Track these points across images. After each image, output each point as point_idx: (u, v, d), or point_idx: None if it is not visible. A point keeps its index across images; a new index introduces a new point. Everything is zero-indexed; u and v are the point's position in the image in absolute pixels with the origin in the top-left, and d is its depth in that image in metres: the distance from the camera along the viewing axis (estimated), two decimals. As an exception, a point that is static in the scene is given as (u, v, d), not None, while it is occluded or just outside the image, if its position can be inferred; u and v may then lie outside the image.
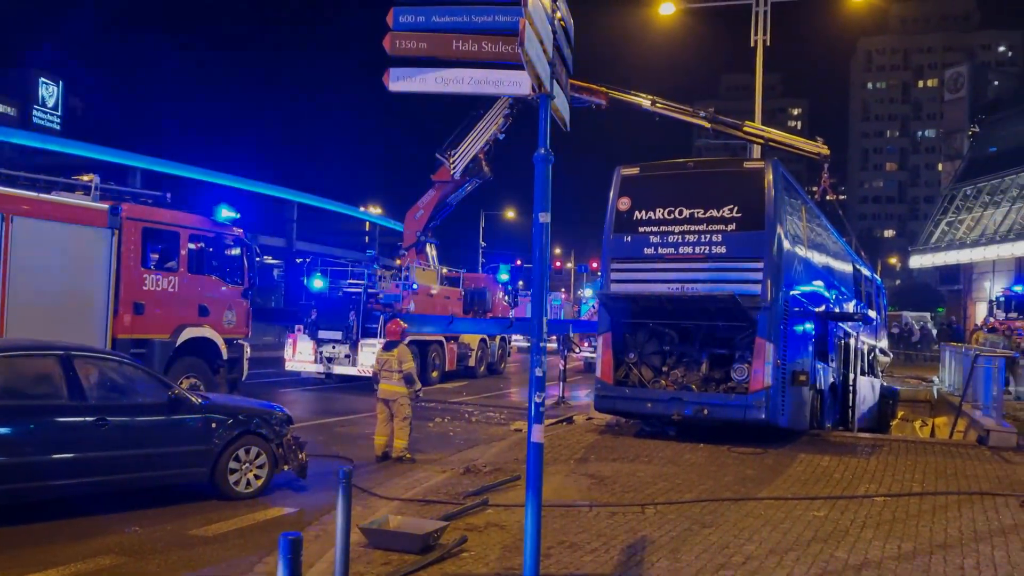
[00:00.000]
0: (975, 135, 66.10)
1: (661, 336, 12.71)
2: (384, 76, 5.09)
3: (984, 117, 65.76)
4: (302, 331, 20.93)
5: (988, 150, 60.39)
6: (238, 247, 14.78)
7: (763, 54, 22.01)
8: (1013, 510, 8.22)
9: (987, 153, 60.12)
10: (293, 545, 3.70)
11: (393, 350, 11.49)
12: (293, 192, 54.79)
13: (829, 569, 6.15)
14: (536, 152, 4.91)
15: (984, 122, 65.09)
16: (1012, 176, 53.67)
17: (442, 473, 9.90)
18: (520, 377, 27.22)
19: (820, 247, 15.34)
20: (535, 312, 4.96)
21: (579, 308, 46.81)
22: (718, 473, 9.76)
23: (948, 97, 78.22)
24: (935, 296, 72.89)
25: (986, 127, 64.17)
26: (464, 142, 22.78)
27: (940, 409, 21.55)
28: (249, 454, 8.66)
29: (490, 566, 6.13)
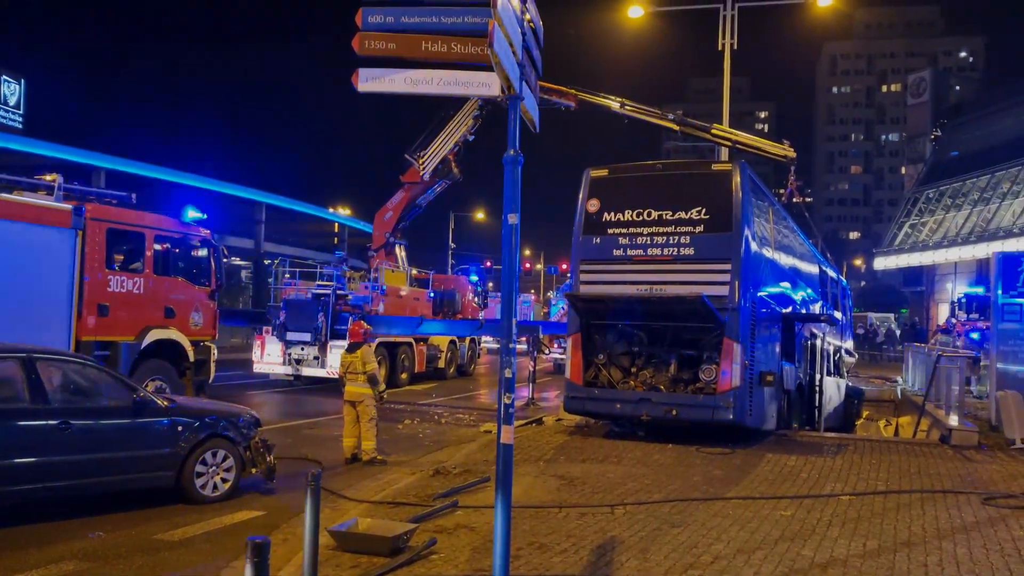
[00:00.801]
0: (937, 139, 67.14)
1: (630, 337, 12.77)
2: (353, 76, 5.06)
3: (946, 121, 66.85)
4: (270, 333, 20.77)
5: (950, 154, 61.40)
6: (205, 248, 14.63)
7: (730, 58, 22.22)
8: (975, 508, 8.36)
9: (949, 157, 61.13)
10: (260, 549, 3.67)
11: (357, 351, 11.44)
12: (261, 193, 54.28)
13: (796, 567, 6.21)
14: (505, 153, 4.92)
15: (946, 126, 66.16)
16: (973, 180, 54.69)
17: (412, 475, 9.86)
18: (490, 378, 27.20)
19: (787, 249, 15.51)
20: (504, 313, 4.96)
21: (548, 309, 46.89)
22: (687, 473, 9.82)
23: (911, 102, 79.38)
24: (899, 297, 73.95)
25: (948, 131, 65.24)
26: (434, 143, 22.76)
27: (904, 409, 21.85)
28: (216, 457, 8.57)
29: (460, 568, 6.12)
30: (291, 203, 57.81)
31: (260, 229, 54.89)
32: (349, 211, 65.60)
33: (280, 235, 57.67)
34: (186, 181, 46.90)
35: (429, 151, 22.74)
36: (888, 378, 28.73)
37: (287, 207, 57.39)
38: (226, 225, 46.33)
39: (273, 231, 56.88)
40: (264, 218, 55.04)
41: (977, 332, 25.82)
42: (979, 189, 53.87)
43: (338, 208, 65.91)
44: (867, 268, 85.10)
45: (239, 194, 52.05)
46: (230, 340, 33.84)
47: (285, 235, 58.52)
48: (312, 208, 61.04)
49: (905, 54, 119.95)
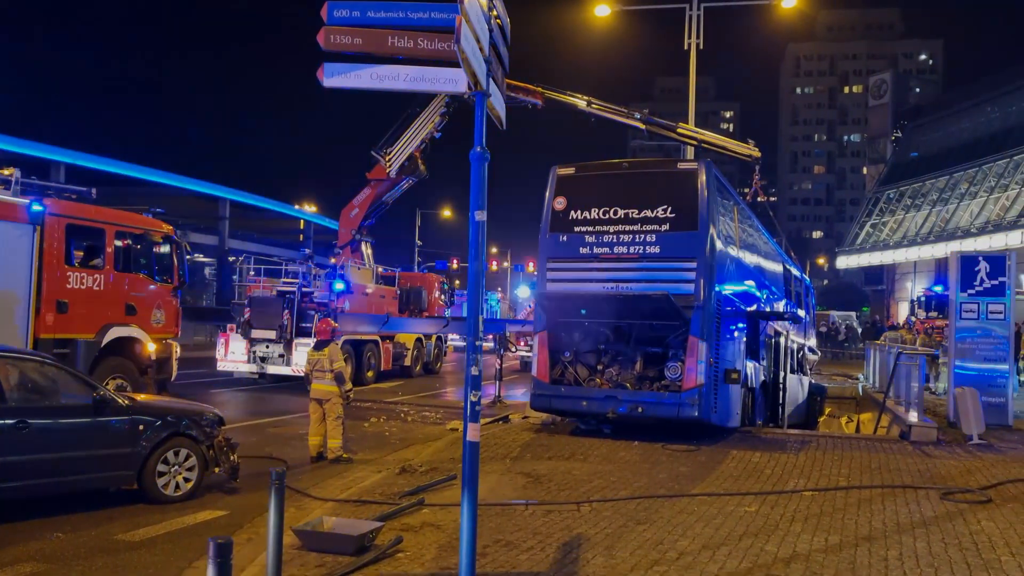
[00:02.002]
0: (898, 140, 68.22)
1: (597, 335, 12.81)
2: (318, 71, 5.02)
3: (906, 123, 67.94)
4: (235, 330, 20.55)
5: (910, 155, 62.44)
6: (167, 245, 14.44)
7: (696, 57, 22.38)
8: (933, 502, 8.50)
9: (909, 158, 62.16)
10: (222, 549, 3.62)
11: (324, 349, 11.35)
12: (225, 189, 53.70)
13: (759, 563, 6.27)
14: (472, 150, 4.90)
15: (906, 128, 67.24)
16: (932, 180, 55.65)
17: (378, 473, 9.82)
18: (456, 376, 27.16)
19: (751, 247, 15.66)
20: (471, 311, 4.94)
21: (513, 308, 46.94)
22: (652, 470, 9.88)
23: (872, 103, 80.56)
24: (861, 296, 75.14)
25: (908, 133, 66.32)
26: (400, 140, 22.64)
27: (865, 405, 22.19)
28: (178, 456, 8.46)
29: (426, 566, 6.10)
30: (256, 199, 57.25)
31: (224, 225, 54.30)
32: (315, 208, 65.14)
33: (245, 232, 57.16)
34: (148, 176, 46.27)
35: (396, 148, 22.62)
36: (850, 375, 29.15)
37: (252, 203, 56.85)
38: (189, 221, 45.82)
39: (238, 227, 56.35)
40: (228, 214, 54.47)
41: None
42: (938, 190, 54.85)
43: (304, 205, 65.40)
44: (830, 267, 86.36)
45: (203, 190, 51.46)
46: (193, 338, 33.45)
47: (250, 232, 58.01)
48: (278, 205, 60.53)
49: (866, 56, 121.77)
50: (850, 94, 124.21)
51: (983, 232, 46.88)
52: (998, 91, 53.13)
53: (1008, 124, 50.59)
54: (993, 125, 52.46)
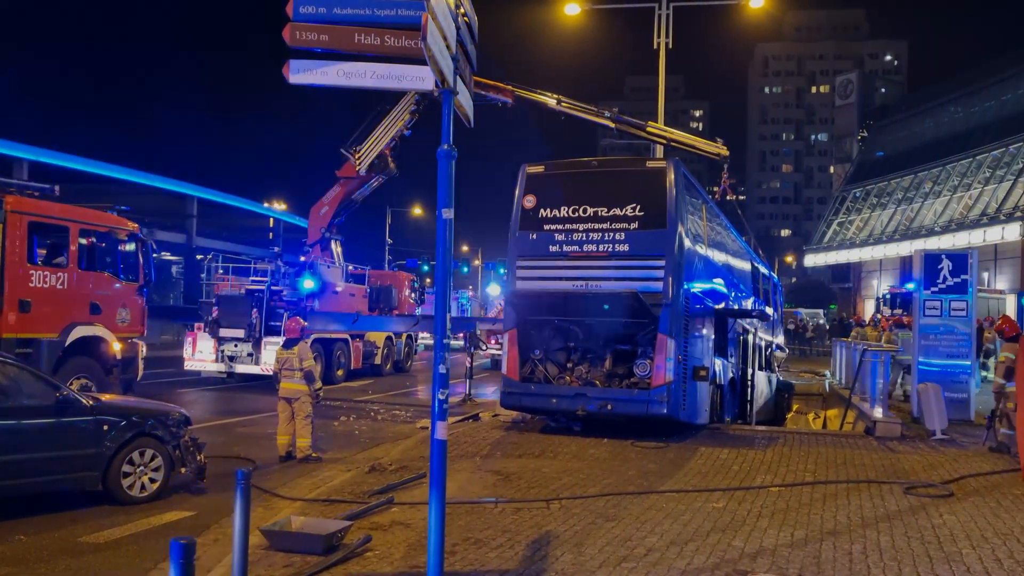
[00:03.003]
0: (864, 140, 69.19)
1: (567, 333, 12.85)
2: (284, 68, 4.98)
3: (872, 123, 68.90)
4: (202, 329, 20.34)
5: (876, 154, 63.32)
6: (133, 242, 14.26)
7: (666, 56, 22.49)
8: (897, 497, 8.63)
9: (875, 157, 63.03)
10: (185, 550, 3.58)
11: (293, 348, 11.28)
12: (192, 186, 53.02)
13: (727, 558, 6.33)
14: (439, 148, 4.89)
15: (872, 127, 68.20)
16: (897, 179, 56.48)
17: (347, 472, 9.78)
18: (427, 375, 27.08)
19: (720, 245, 15.78)
20: (439, 308, 4.94)
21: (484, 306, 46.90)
22: (621, 467, 9.93)
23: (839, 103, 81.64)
24: (828, 293, 76.01)
25: (874, 132, 67.26)
26: (370, 138, 22.52)
27: (831, 402, 22.43)
28: (144, 457, 8.37)
29: (395, 565, 6.08)
30: (224, 197, 56.60)
31: (192, 223, 53.68)
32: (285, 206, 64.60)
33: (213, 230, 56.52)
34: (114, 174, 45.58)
35: (365, 146, 22.50)
36: (817, 372, 29.46)
37: (220, 201, 56.18)
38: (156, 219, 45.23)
39: (206, 225, 55.71)
40: (196, 212, 53.83)
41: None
42: (903, 189, 55.67)
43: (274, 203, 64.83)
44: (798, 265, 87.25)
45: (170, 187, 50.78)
46: (160, 337, 33.03)
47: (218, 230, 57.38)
48: (246, 202, 59.89)
49: (833, 56, 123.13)
50: (817, 94, 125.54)
51: (947, 231, 47.66)
52: (961, 92, 54.06)
53: (971, 124, 51.46)
54: (956, 125, 53.34)
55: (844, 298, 68.88)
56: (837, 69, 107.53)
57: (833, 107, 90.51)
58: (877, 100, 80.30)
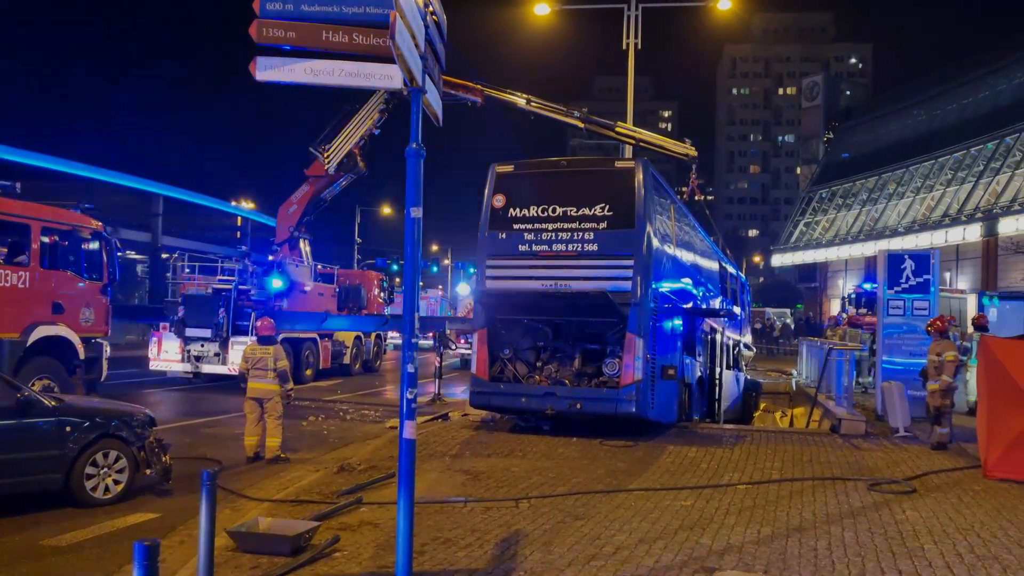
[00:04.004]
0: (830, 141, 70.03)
1: (536, 332, 12.87)
2: (251, 65, 4.93)
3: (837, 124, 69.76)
4: (168, 329, 20.11)
5: (841, 156, 64.12)
6: (97, 241, 14.05)
7: (635, 57, 22.60)
8: (861, 493, 8.75)
9: (840, 159, 63.82)
10: (149, 552, 3.54)
11: (268, 347, 11.16)
12: (158, 184, 52.29)
13: (694, 555, 6.38)
14: (408, 146, 4.88)
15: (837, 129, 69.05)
16: (862, 180, 57.25)
17: (316, 472, 9.72)
18: (396, 375, 26.98)
19: (688, 245, 15.90)
20: (407, 307, 4.92)
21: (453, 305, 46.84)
22: (590, 466, 9.96)
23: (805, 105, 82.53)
24: (795, 293, 76.78)
25: (839, 134, 68.10)
26: (339, 136, 22.40)
27: (798, 400, 22.68)
28: (108, 458, 8.26)
29: (363, 565, 6.06)
30: (191, 195, 55.91)
31: (157, 222, 52.97)
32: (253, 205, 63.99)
33: (179, 228, 55.82)
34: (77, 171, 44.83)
35: (334, 144, 22.37)
36: (784, 371, 29.75)
37: (187, 200, 55.48)
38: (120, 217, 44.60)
39: (172, 224, 55.01)
40: (162, 211, 53.12)
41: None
42: (867, 190, 56.45)
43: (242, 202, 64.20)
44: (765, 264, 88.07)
45: (134, 185, 50.04)
46: (125, 337, 32.61)
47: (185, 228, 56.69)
48: (213, 201, 59.22)
49: (800, 59, 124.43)
50: (784, 95, 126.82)
51: (910, 231, 48.39)
52: (924, 95, 54.92)
53: (934, 127, 52.29)
54: (920, 128, 54.16)
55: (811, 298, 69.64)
56: (804, 71, 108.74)
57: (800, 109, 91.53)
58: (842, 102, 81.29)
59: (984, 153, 45.00)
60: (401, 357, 5.01)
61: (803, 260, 63.42)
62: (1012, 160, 42.23)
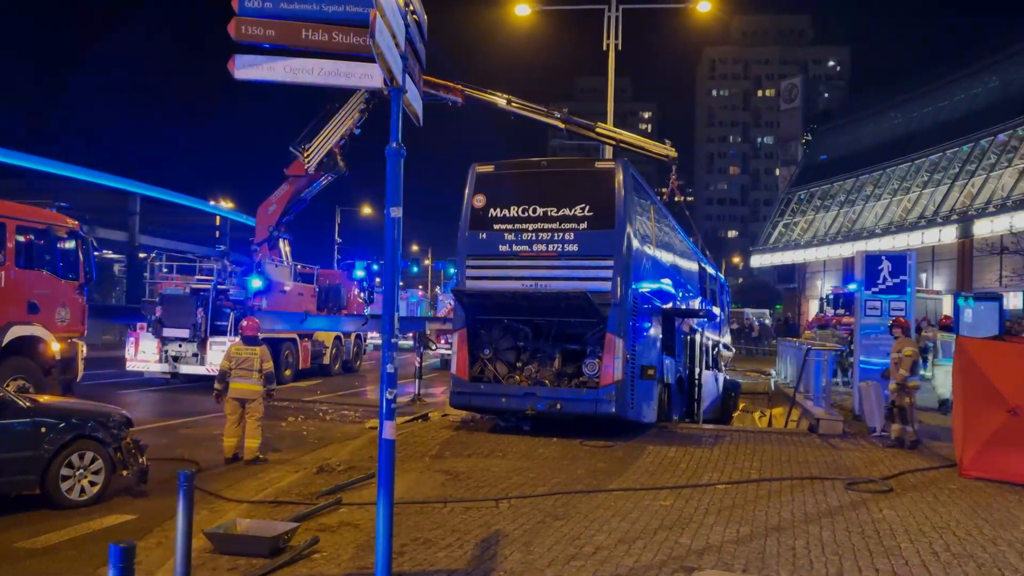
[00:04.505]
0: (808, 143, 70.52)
1: (516, 332, 12.86)
2: (229, 63, 4.89)
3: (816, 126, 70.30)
4: (145, 329, 19.94)
5: (819, 158, 64.62)
6: (73, 240, 13.92)
7: (615, 58, 22.65)
8: (839, 492, 8.82)
9: (819, 160, 64.33)
10: (125, 553, 3.50)
11: (255, 348, 11.06)
12: (135, 183, 51.85)
13: (674, 555, 6.40)
14: (388, 146, 4.86)
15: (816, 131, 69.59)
16: (840, 182, 57.73)
17: (295, 473, 9.67)
18: (376, 375, 26.87)
19: (668, 246, 15.95)
20: (386, 307, 4.91)
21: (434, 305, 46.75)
22: (570, 466, 9.97)
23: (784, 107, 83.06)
24: (774, 294, 77.27)
25: (818, 136, 68.64)
26: (319, 136, 22.33)
27: (777, 400, 22.83)
28: (84, 459, 8.17)
29: (342, 566, 6.03)
30: (169, 195, 55.48)
31: (135, 221, 52.53)
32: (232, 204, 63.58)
33: (157, 228, 55.39)
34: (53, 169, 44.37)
35: (314, 144, 22.29)
36: (763, 371, 29.94)
37: (164, 199, 55.05)
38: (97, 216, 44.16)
39: (149, 223, 54.57)
40: (139, 209, 52.67)
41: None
42: (845, 191, 56.93)
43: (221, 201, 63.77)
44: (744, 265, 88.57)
45: (111, 184, 49.60)
46: (102, 337, 32.32)
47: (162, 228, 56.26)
48: (192, 200, 58.77)
49: (778, 61, 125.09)
50: (763, 97, 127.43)
51: (887, 232, 48.86)
52: (901, 98, 55.51)
53: (910, 129, 52.84)
54: (896, 130, 54.71)
55: (789, 298, 70.13)
56: (782, 73, 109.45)
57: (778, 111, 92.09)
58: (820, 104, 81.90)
59: (959, 156, 45.52)
60: (381, 357, 4.99)
61: (782, 261, 63.87)
62: (987, 163, 42.74)
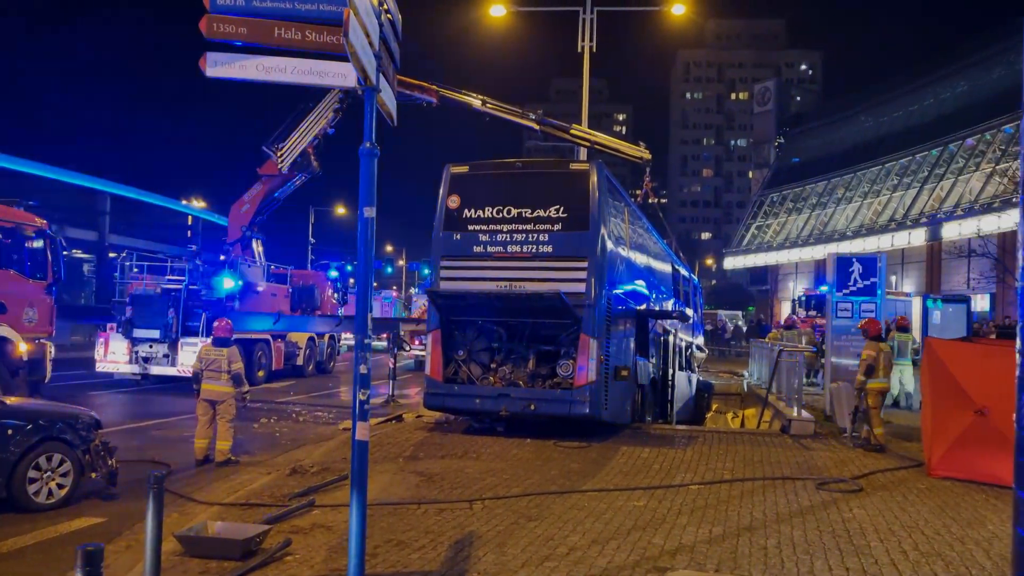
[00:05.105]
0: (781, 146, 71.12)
1: (490, 333, 12.86)
2: (201, 61, 4.84)
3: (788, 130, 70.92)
4: (115, 330, 19.70)
5: (792, 160, 65.22)
6: (41, 239, 13.74)
7: (590, 60, 22.73)
8: (810, 492, 8.90)
9: (791, 163, 64.92)
10: (92, 557, 3.44)
11: (223, 349, 10.98)
12: (105, 182, 51.21)
13: (647, 555, 6.42)
14: (361, 146, 4.84)
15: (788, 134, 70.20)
16: (812, 185, 58.31)
17: (267, 475, 9.59)
18: (350, 376, 26.61)
19: (642, 248, 16.02)
20: (359, 307, 4.88)
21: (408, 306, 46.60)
22: (544, 467, 9.98)
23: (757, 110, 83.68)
24: (747, 295, 77.88)
25: (790, 139, 69.27)
26: (293, 135, 22.18)
27: (749, 401, 22.98)
28: (51, 462, 8.05)
29: (315, 568, 5.99)
30: (140, 194, 54.86)
31: (105, 220, 51.89)
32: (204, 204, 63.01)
33: (127, 227, 54.76)
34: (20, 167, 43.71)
35: (288, 143, 22.15)
36: (736, 372, 30.12)
37: (135, 198, 54.43)
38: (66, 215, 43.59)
39: (119, 223, 53.93)
40: (109, 209, 52.03)
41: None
42: (817, 194, 57.49)
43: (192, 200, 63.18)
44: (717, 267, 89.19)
45: (80, 183, 48.96)
46: (71, 338, 31.87)
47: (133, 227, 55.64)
48: (163, 199, 58.16)
49: (752, 64, 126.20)
50: (737, 100, 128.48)
51: (858, 235, 49.42)
52: (871, 102, 56.18)
53: (881, 133, 53.48)
54: (867, 134, 55.35)
55: (762, 300, 70.69)
56: (756, 77, 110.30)
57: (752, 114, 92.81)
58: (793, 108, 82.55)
59: (929, 160, 46.13)
60: (353, 358, 4.96)
61: (755, 263, 64.38)
62: (955, 167, 43.35)
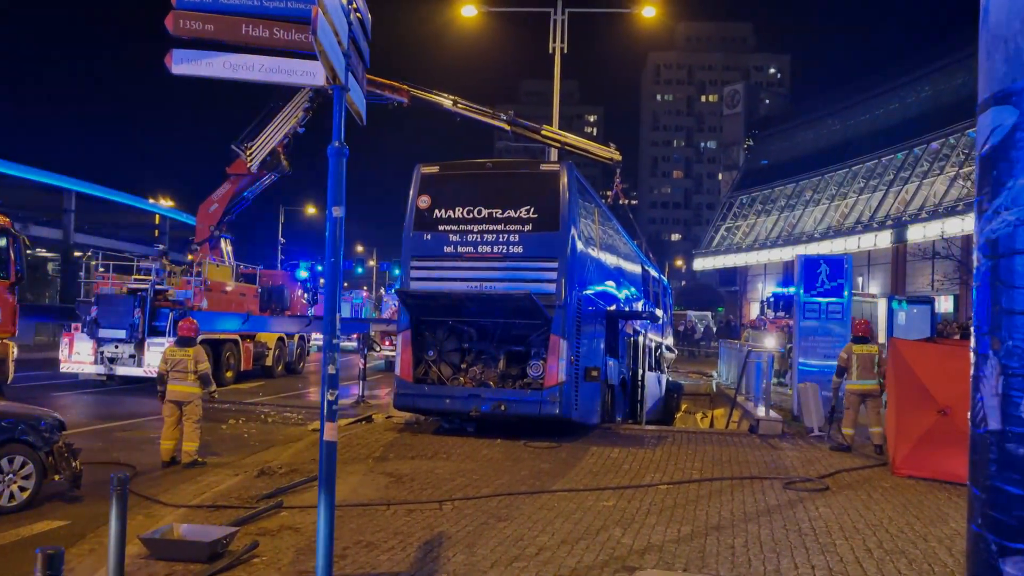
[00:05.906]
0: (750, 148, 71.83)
1: (460, 334, 12.84)
2: (166, 58, 4.78)
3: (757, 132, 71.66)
4: (80, 330, 19.41)
5: (761, 163, 65.87)
6: (3, 238, 13.52)
7: (561, 62, 22.76)
8: (777, 491, 8.99)
9: (760, 165, 65.56)
10: (52, 560, 3.38)
11: (188, 348, 10.86)
12: (69, 179, 50.39)
13: (615, 555, 6.44)
14: (330, 145, 4.81)
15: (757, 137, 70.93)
16: (780, 187, 58.92)
17: (235, 476, 9.50)
18: (319, 377, 26.52)
19: (612, 248, 16.08)
20: (328, 307, 4.85)
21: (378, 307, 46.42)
22: (514, 468, 9.98)
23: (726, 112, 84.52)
24: (716, 296, 78.44)
25: (759, 141, 69.98)
26: (262, 134, 22.03)
27: (718, 401, 23.18)
28: (13, 464, 7.92)
29: (283, 570, 5.94)
30: (106, 192, 54.05)
31: (70, 219, 51.08)
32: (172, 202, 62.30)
33: (93, 226, 54.00)
34: (-17, 165, 42.97)
35: (257, 142, 21.99)
36: (705, 373, 30.36)
37: (101, 196, 53.61)
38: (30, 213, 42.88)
39: (85, 221, 53.14)
40: (74, 207, 51.23)
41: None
42: (786, 196, 58.11)
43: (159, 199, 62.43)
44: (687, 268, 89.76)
45: (44, 180, 48.15)
46: (34, 338, 31.34)
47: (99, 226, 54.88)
48: (130, 198, 57.36)
49: (722, 67, 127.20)
50: (707, 103, 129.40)
51: (825, 237, 50.01)
52: (839, 106, 56.89)
53: (847, 136, 54.17)
54: (835, 137, 56.04)
55: (732, 301, 71.28)
56: (725, 79, 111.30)
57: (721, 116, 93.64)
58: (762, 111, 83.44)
59: (894, 163, 46.80)
60: (322, 358, 4.93)
61: (724, 264, 64.94)
62: (920, 170, 44.02)
